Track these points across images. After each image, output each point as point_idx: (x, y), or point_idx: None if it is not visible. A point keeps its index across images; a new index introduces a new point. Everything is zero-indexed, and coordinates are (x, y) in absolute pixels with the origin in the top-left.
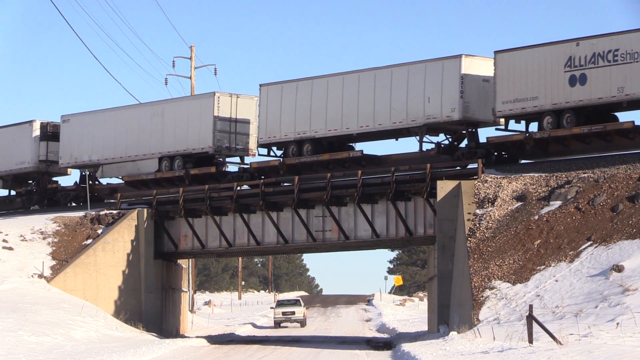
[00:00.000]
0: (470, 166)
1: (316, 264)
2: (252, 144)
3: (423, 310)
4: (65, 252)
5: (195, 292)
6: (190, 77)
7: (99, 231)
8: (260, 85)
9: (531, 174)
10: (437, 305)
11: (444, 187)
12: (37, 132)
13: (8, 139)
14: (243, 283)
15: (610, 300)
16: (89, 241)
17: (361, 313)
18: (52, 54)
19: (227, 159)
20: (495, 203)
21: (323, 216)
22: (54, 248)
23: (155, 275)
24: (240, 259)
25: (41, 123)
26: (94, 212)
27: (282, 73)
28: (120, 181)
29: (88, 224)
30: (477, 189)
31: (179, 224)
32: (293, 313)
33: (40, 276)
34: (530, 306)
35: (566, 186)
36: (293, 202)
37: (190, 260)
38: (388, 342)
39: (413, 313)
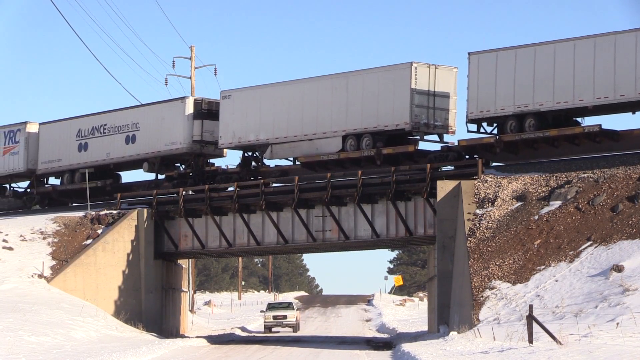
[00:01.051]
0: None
1: (316, 264)
2: (452, 120)
3: (423, 310)
4: (65, 252)
5: (195, 292)
6: (190, 77)
7: (99, 231)
8: (469, 54)
9: (531, 174)
10: (437, 305)
11: (444, 187)
12: (190, 109)
13: (156, 118)
14: (243, 283)
15: (610, 300)
16: (89, 241)
17: (361, 313)
18: (52, 54)
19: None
20: (495, 203)
21: (323, 216)
22: (54, 248)
23: (155, 275)
24: (240, 259)
25: (195, 100)
26: (94, 212)
27: (282, 73)
28: (290, 163)
29: (88, 224)
30: (477, 189)
31: (179, 224)
32: (285, 317)
33: (40, 276)
34: (530, 306)
35: (566, 186)
36: (293, 202)
37: (190, 260)
38: (388, 342)
39: (413, 313)
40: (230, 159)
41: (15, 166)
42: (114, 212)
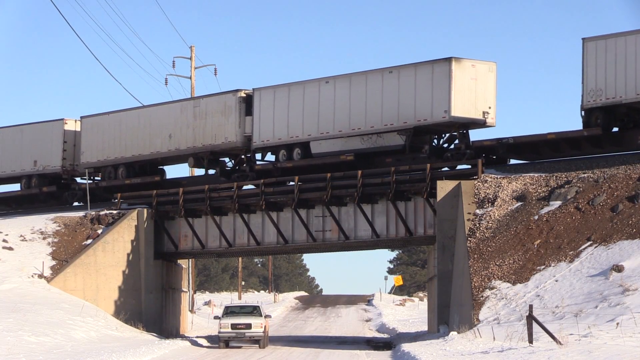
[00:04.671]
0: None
1: (316, 264)
2: None
3: (423, 310)
4: (65, 252)
5: (195, 292)
6: (190, 77)
7: (99, 231)
8: None
9: (531, 174)
10: (437, 305)
11: (444, 187)
12: None
13: None
14: (243, 283)
15: (610, 300)
16: (89, 241)
17: (361, 313)
18: (52, 54)
19: None
20: (495, 203)
21: (323, 216)
22: (54, 248)
23: (155, 275)
24: (240, 259)
25: None
26: (94, 212)
27: (282, 73)
28: None
29: (88, 224)
30: (477, 189)
31: (179, 224)
32: (248, 326)
33: (40, 276)
34: (530, 306)
35: (566, 186)
36: (293, 202)
37: (190, 260)
38: (388, 342)
39: (413, 313)
40: None
41: None
42: (114, 212)
